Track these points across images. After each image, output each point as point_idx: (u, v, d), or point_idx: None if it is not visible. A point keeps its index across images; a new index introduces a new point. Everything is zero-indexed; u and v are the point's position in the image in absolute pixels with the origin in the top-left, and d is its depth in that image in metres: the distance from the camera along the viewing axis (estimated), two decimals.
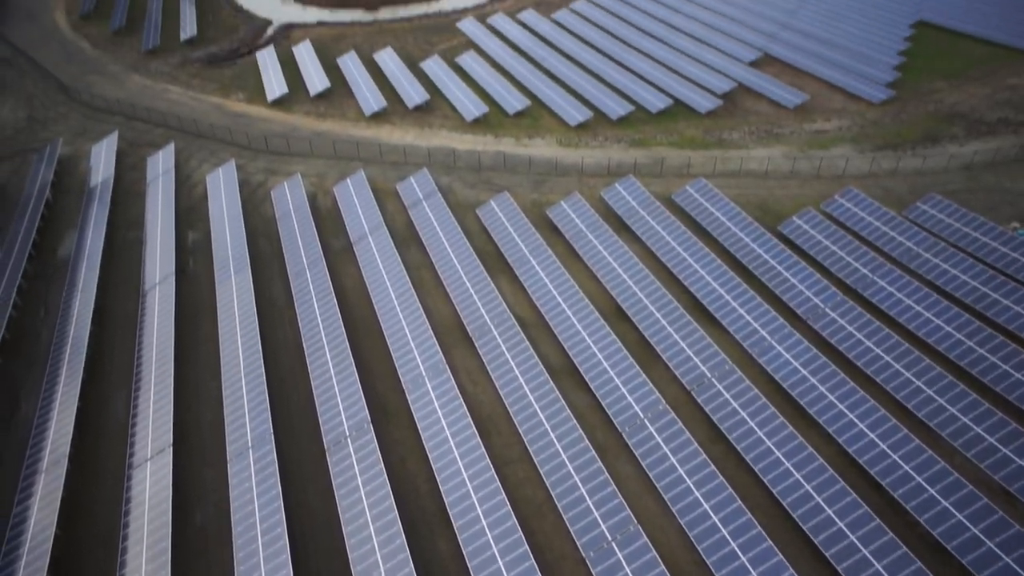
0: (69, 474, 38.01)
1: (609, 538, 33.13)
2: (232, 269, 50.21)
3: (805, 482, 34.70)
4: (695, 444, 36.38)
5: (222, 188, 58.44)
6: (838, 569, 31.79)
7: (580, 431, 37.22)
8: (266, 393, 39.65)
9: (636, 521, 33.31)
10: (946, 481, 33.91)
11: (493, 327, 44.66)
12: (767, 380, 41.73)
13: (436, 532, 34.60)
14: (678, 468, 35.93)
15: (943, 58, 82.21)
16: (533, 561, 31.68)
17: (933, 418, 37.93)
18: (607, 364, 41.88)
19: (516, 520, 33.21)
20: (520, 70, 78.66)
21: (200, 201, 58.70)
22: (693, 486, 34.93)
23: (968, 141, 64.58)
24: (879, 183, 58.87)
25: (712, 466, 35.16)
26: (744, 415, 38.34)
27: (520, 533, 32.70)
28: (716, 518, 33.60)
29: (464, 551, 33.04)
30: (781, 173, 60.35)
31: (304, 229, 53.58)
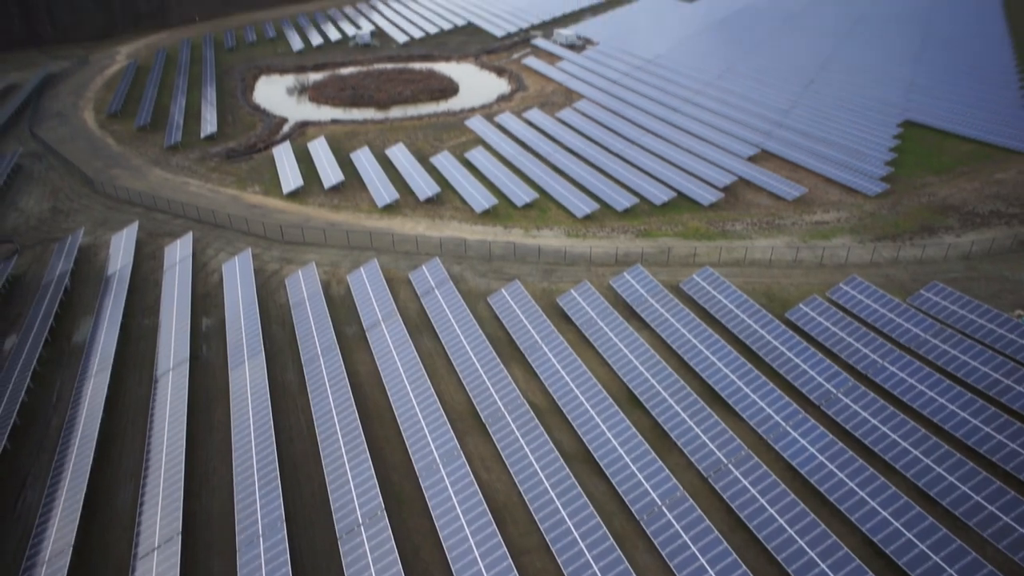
0: (72, 566, 36.92)
1: None
2: (246, 355, 50.56)
3: (832, 573, 33.75)
4: (715, 532, 35.62)
5: (238, 276, 59.63)
6: None
7: (598, 519, 36.53)
8: (278, 480, 39.12)
9: None
10: (981, 573, 33.00)
11: (507, 413, 44.57)
12: (784, 466, 41.29)
13: None
14: (699, 558, 35.02)
15: (931, 155, 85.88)
16: None
17: (958, 506, 37.34)
18: (622, 451, 41.55)
19: None
20: (527, 164, 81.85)
21: (215, 288, 59.76)
22: None
23: (964, 232, 66.52)
24: (881, 272, 60.19)
25: (734, 555, 34.31)
26: (763, 502, 37.73)
27: None
28: None
29: None
30: (785, 262, 61.78)
31: (318, 316, 54.33)
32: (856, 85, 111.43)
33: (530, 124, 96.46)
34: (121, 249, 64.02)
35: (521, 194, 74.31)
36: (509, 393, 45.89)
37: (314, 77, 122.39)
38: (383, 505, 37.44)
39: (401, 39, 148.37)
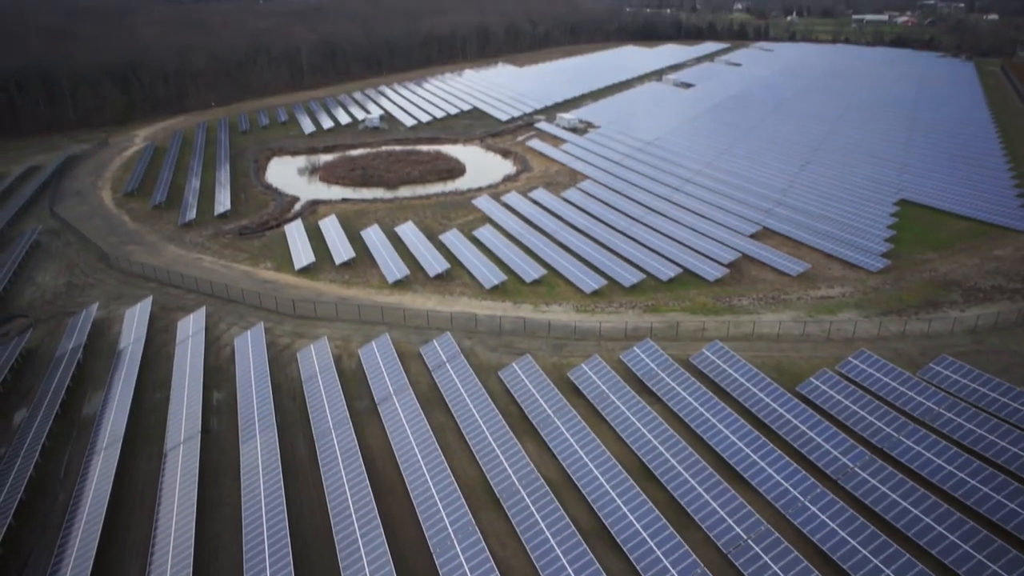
0: None
1: None
2: (257, 428, 50.32)
3: None
4: None
5: (250, 349, 59.98)
6: None
7: None
8: (290, 556, 38.27)
9: None
10: None
11: (521, 488, 44.02)
12: (805, 542, 40.47)
13: None
14: None
15: (929, 232, 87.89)
16: None
17: None
18: (639, 526, 40.84)
19: None
20: (534, 242, 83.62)
21: (227, 362, 59.99)
22: None
23: (968, 307, 67.36)
24: (888, 345, 60.62)
25: None
26: None
27: None
28: None
29: None
30: (793, 336, 62.31)
31: (330, 390, 54.36)
32: (850, 166, 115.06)
33: (536, 203, 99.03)
34: (135, 323, 64.62)
35: (529, 270, 75.60)
36: (523, 468, 45.46)
37: (325, 158, 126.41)
38: None
39: (409, 123, 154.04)
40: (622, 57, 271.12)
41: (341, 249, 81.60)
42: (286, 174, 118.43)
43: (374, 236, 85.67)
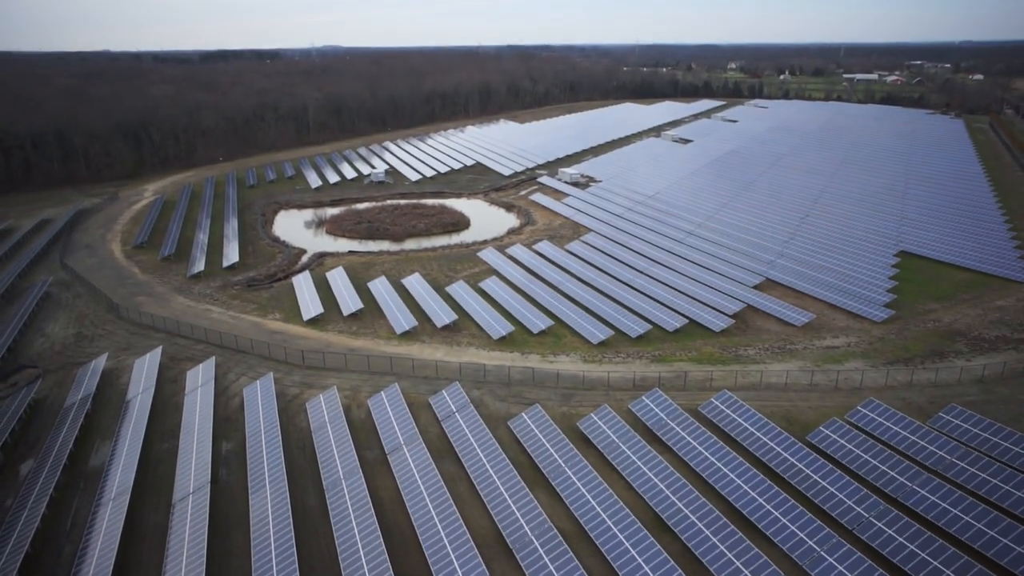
0: None
1: None
2: (267, 479, 49.99)
3: None
4: None
5: (259, 399, 60.00)
6: None
7: None
8: None
9: None
10: None
11: (534, 539, 43.57)
12: None
13: None
14: None
15: (930, 283, 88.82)
16: None
17: None
18: None
19: None
20: (540, 293, 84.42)
21: (236, 412, 59.92)
22: None
23: (974, 356, 67.70)
24: (896, 395, 60.75)
25: None
26: None
27: None
28: None
29: None
30: (800, 386, 62.47)
31: (339, 440, 54.21)
32: (850, 218, 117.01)
33: (541, 255, 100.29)
34: (144, 373, 64.75)
35: (536, 321, 76.17)
36: (535, 518, 45.07)
37: (331, 212, 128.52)
38: None
39: (413, 177, 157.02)
40: (621, 113, 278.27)
41: (349, 300, 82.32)
42: (293, 227, 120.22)
43: (381, 288, 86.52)
